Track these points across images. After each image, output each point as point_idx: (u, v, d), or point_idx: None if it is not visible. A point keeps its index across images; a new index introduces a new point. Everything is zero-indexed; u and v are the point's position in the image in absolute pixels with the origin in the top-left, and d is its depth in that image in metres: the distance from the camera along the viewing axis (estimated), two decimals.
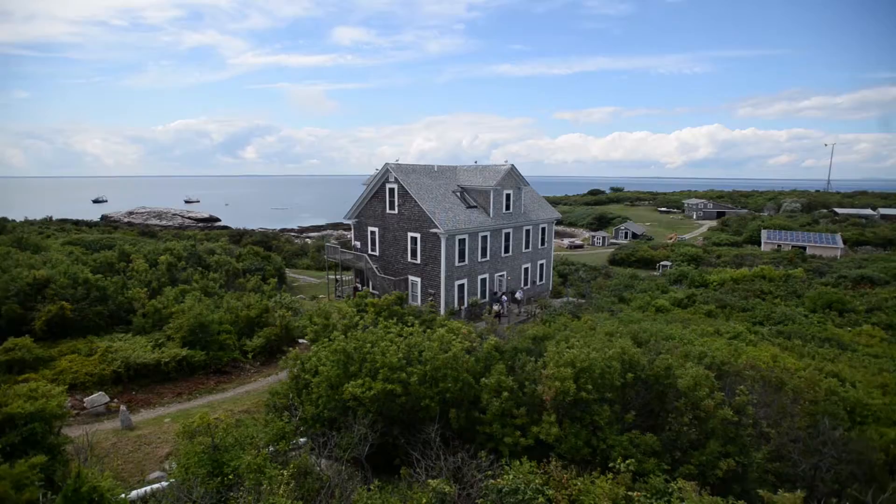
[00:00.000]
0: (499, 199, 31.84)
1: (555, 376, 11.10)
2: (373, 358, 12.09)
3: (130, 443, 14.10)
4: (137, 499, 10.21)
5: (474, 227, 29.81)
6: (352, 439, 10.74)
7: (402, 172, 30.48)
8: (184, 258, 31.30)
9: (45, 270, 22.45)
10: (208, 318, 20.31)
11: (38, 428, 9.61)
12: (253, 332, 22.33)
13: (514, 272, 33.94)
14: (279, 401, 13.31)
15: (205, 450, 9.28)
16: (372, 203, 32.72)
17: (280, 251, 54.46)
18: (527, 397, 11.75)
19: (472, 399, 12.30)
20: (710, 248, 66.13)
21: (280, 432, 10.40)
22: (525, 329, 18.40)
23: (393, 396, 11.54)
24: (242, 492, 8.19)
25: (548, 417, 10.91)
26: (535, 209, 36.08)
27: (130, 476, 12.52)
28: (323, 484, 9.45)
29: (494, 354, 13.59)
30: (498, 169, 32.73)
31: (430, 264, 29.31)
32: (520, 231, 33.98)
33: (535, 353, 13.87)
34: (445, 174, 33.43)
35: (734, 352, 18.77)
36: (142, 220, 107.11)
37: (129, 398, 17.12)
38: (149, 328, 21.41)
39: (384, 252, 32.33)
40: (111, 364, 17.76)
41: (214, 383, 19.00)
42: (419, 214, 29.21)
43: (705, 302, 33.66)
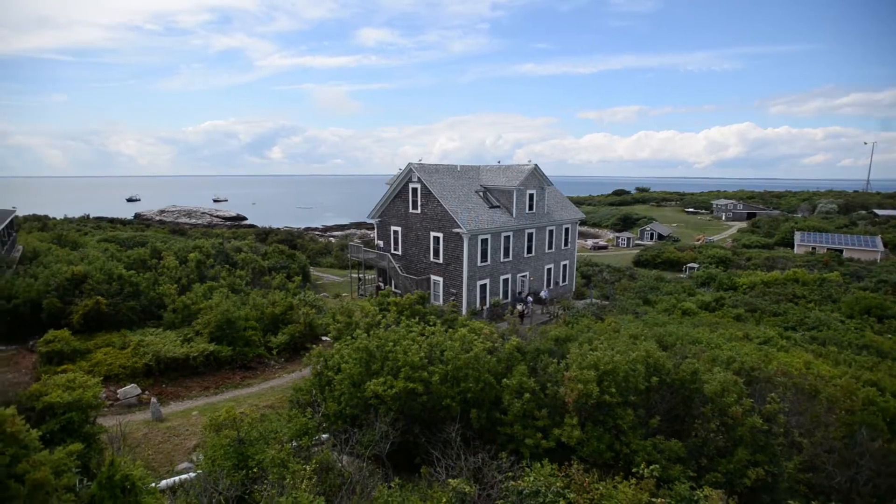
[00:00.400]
0: (522, 199, 31.64)
1: (577, 378, 10.97)
2: (395, 357, 12.17)
3: (160, 434, 14.53)
4: (167, 488, 10.52)
5: (497, 228, 29.69)
6: (373, 437, 10.83)
7: (425, 172, 30.58)
8: (212, 256, 32.12)
9: (82, 266, 23.34)
10: (235, 314, 20.77)
11: (75, 417, 10.01)
12: (278, 328, 22.74)
13: (536, 273, 33.68)
14: (302, 397, 13.53)
15: (231, 443, 9.51)
16: (395, 203, 32.93)
17: (305, 250, 55.36)
18: (549, 399, 11.65)
19: (494, 399, 12.25)
20: (739, 251, 64.30)
21: (303, 428, 10.57)
22: (547, 330, 18.24)
23: (414, 395, 11.60)
24: (266, 485, 8.35)
25: (570, 420, 10.79)
26: (559, 209, 35.72)
27: (160, 466, 12.90)
28: (344, 480, 9.56)
29: (516, 355, 13.51)
30: (521, 169, 32.53)
31: (452, 264, 29.33)
32: (543, 231, 33.70)
33: (557, 355, 13.74)
34: (468, 174, 33.40)
35: (764, 357, 18.21)
36: (172, 218, 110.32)
37: (160, 391, 17.65)
38: (178, 323, 22.02)
39: (407, 251, 32.51)
40: (143, 357, 18.34)
41: (240, 378, 19.42)
42: (442, 214, 29.26)
43: (734, 305, 32.75)
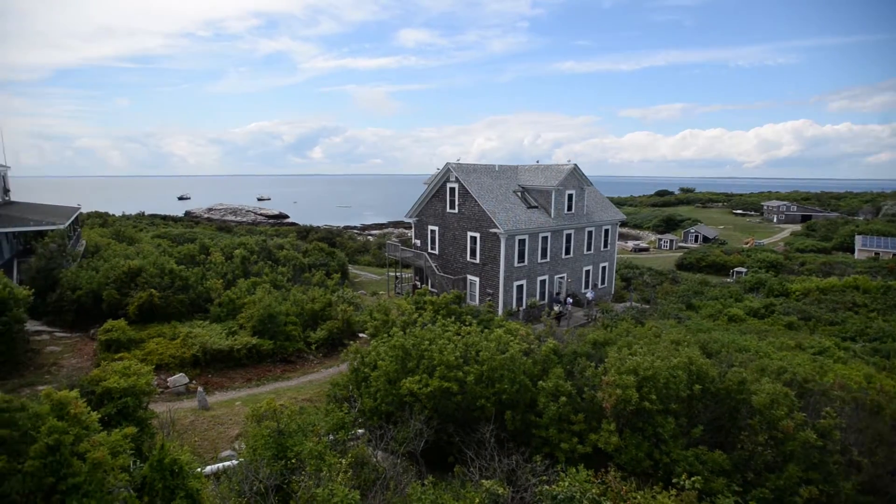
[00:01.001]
0: (560, 199, 31.15)
1: (616, 383, 10.71)
2: (430, 355, 12.24)
3: (206, 422, 15.19)
4: (211, 474, 10.98)
5: (535, 228, 29.35)
6: (407, 434, 10.93)
7: (463, 172, 30.59)
8: (255, 252, 33.28)
9: (137, 261, 24.71)
10: (276, 309, 21.44)
11: (130, 402, 10.60)
12: (316, 324, 23.33)
13: (574, 274, 33.08)
14: (339, 392, 13.81)
15: (271, 434, 9.82)
16: (432, 202, 33.12)
17: (343, 248, 56.55)
18: (585, 403, 11.42)
19: (529, 402, 12.13)
20: (792, 255, 60.98)
21: (340, 422, 10.79)
22: (585, 333, 17.88)
23: (449, 394, 11.63)
24: (304, 476, 8.57)
25: (607, 426, 10.55)
26: (598, 210, 34.95)
27: (205, 452, 13.49)
28: (379, 475, 9.70)
29: (553, 357, 13.32)
30: (560, 168, 32.02)
31: (489, 264, 29.22)
32: (581, 232, 33.06)
33: (595, 359, 13.46)
34: (506, 174, 33.17)
35: (819, 369, 17.18)
36: (219, 216, 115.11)
37: (206, 380, 18.45)
38: (224, 317, 22.95)
39: (443, 251, 32.63)
40: (191, 348, 19.22)
41: (280, 371, 20.05)
42: (479, 214, 29.20)
43: (786, 313, 31.08)
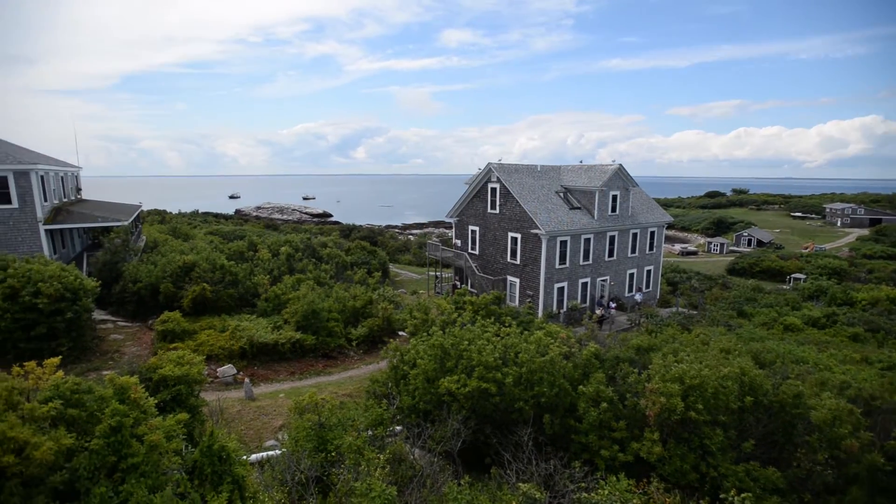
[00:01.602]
0: (604, 200, 30.39)
1: (660, 391, 10.34)
2: (469, 355, 12.24)
3: (251, 412, 15.80)
4: (256, 462, 11.41)
5: (577, 229, 28.78)
6: (445, 433, 10.97)
7: (505, 172, 30.39)
8: (300, 250, 34.33)
9: (191, 256, 26.01)
10: (319, 305, 22.03)
11: (183, 390, 11.19)
12: (358, 321, 23.80)
13: (618, 277, 32.19)
14: (379, 388, 14.03)
15: (312, 426, 10.10)
16: (473, 202, 33.09)
17: (385, 246, 57.41)
18: (627, 410, 11.10)
19: (568, 406, 11.91)
20: (858, 261, 56.88)
21: (378, 418, 10.95)
22: (628, 338, 17.37)
23: (487, 395, 11.58)
24: (343, 469, 8.77)
25: (650, 434, 10.20)
26: (644, 212, 33.85)
27: (251, 441, 14.03)
28: (416, 472, 9.79)
29: (594, 362, 13.02)
30: (604, 169, 31.24)
31: (529, 265, 28.90)
32: (626, 234, 32.13)
33: (638, 365, 13.05)
34: (548, 174, 32.70)
35: (889, 385, 15.93)
36: (267, 214, 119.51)
37: (252, 372, 19.20)
38: (269, 311, 23.80)
39: (484, 251, 32.54)
40: (239, 341, 20.05)
41: (322, 366, 20.58)
42: (520, 214, 28.93)
43: (850, 323, 29.02)
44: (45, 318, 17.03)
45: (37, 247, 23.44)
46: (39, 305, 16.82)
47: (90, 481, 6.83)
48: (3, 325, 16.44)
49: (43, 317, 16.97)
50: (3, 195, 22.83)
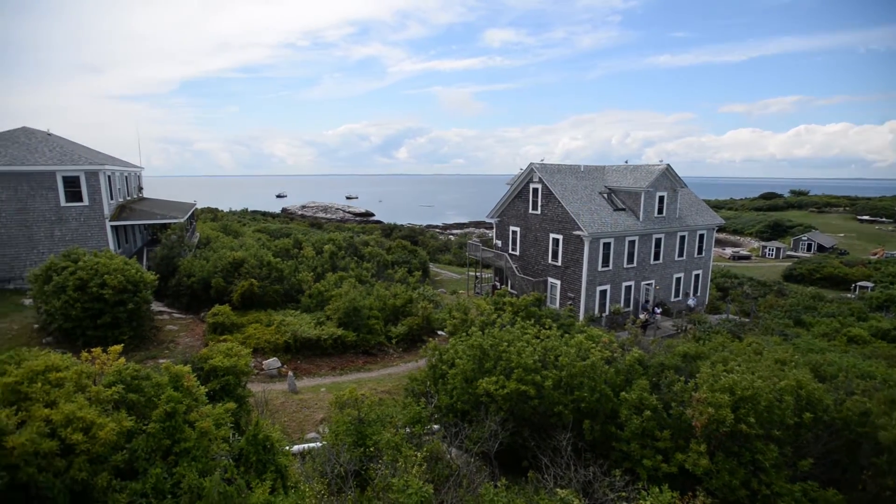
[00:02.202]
0: (650, 201, 29.41)
1: (708, 401, 9.90)
2: (508, 357, 12.15)
3: (294, 404, 16.31)
4: (297, 453, 11.77)
5: (621, 231, 28.00)
6: (482, 434, 10.93)
7: (547, 172, 29.97)
8: (343, 248, 35.15)
9: (241, 252, 27.15)
10: (360, 303, 22.47)
11: (231, 380, 11.70)
12: (397, 319, 24.11)
13: (663, 281, 31.08)
14: (417, 387, 14.15)
15: (352, 421, 10.31)
16: (515, 203, 32.82)
17: (425, 246, 57.87)
18: (672, 420, 10.69)
19: (610, 412, 11.61)
20: None
21: (416, 416, 11.05)
22: (674, 344, 16.74)
23: (525, 398, 11.46)
24: (381, 465, 8.90)
25: (696, 446, 9.78)
26: (693, 213, 32.51)
27: (293, 432, 14.49)
28: (452, 471, 9.80)
29: (637, 368, 12.63)
30: (651, 169, 30.23)
31: (571, 267, 28.37)
32: (673, 237, 30.96)
33: (684, 373, 12.55)
34: (592, 174, 31.98)
35: None
36: (312, 213, 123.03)
37: (295, 366, 19.81)
38: (313, 307, 24.49)
39: (524, 252, 32.22)
40: (283, 335, 20.74)
41: (362, 363, 20.98)
42: (562, 215, 28.45)
43: None
44: (110, 308, 18.23)
45: (103, 242, 25.13)
46: (105, 296, 18.02)
47: (147, 462, 7.26)
48: (73, 313, 17.73)
49: (108, 307, 18.18)
50: (75, 194, 24.62)
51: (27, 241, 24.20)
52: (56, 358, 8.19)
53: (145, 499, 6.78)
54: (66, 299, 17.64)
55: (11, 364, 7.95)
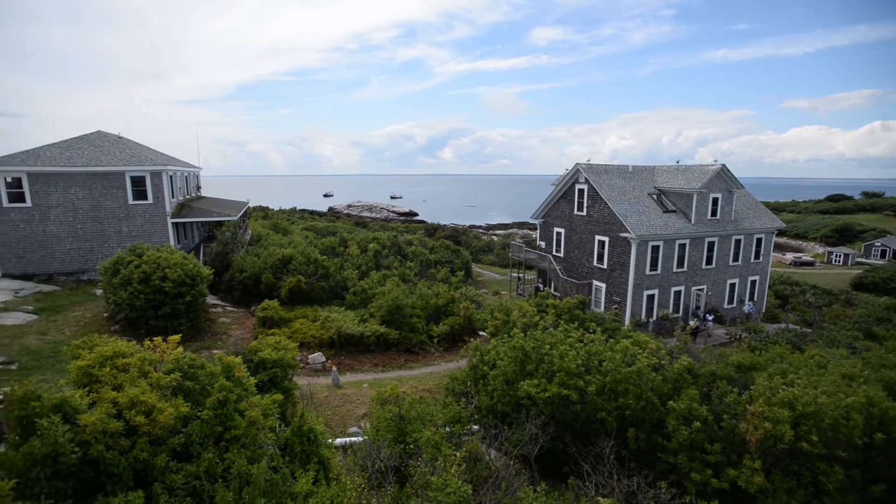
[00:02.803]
0: (703, 203, 28.12)
1: (764, 415, 9.35)
2: (550, 360, 11.96)
3: (337, 399, 16.73)
4: (339, 446, 12.07)
5: (671, 234, 26.93)
6: (522, 437, 10.82)
7: (593, 173, 29.27)
8: (387, 247, 35.72)
9: (289, 250, 28.13)
10: (403, 301, 22.75)
11: (278, 373, 12.15)
12: (439, 319, 24.25)
13: (716, 287, 29.64)
14: (458, 387, 14.18)
15: (393, 418, 10.46)
16: (560, 204, 32.27)
17: (468, 246, 57.88)
18: (724, 433, 10.18)
19: (656, 422, 11.20)
20: None
21: (456, 416, 11.07)
22: (726, 353, 15.93)
23: (567, 402, 11.25)
24: (420, 462, 8.97)
25: (750, 462, 9.27)
26: (750, 216, 30.81)
27: (335, 426, 14.86)
28: (491, 473, 9.75)
29: (686, 377, 12.11)
30: (704, 169, 28.90)
31: (617, 270, 27.58)
32: (727, 241, 29.46)
33: (737, 384, 11.93)
34: (641, 175, 30.96)
35: None
36: (357, 212, 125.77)
37: (339, 361, 20.32)
38: (357, 304, 25.03)
39: (569, 254, 31.61)
40: (328, 331, 21.31)
41: (404, 360, 21.24)
42: (609, 217, 27.70)
43: None
44: (170, 300, 19.36)
45: (165, 237, 26.72)
46: (166, 288, 19.16)
47: (201, 446, 7.65)
48: (138, 304, 18.96)
49: (168, 298, 19.32)
50: (141, 192, 26.33)
51: (99, 236, 26.10)
52: (122, 345, 8.79)
53: (199, 481, 7.15)
54: (132, 291, 18.89)
55: (85, 349, 8.60)
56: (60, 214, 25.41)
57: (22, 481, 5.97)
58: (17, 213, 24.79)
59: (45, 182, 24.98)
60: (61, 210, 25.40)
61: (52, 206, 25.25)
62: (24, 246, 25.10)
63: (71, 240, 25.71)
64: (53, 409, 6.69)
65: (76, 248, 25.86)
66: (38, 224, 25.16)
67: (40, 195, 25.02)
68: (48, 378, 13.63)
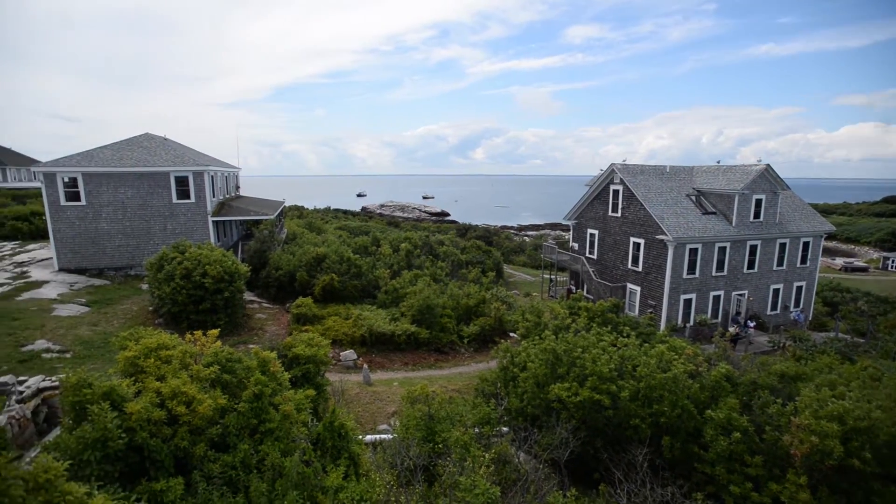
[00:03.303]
0: (745, 204, 27.03)
1: (811, 429, 8.90)
2: (582, 363, 11.77)
3: (368, 396, 16.95)
4: (369, 443, 12.22)
5: (710, 237, 26.00)
6: (552, 440, 10.68)
7: (629, 173, 28.60)
8: (418, 247, 35.94)
9: (323, 248, 28.71)
10: (434, 301, 22.84)
11: (311, 369, 12.42)
12: (469, 319, 24.22)
13: (758, 292, 28.42)
14: (487, 388, 14.12)
15: (422, 417, 10.51)
16: (594, 205, 31.70)
17: (500, 247, 57.58)
18: (766, 445, 9.75)
19: (692, 430, 10.83)
20: None
21: (486, 417, 11.03)
22: (768, 362, 15.24)
23: (599, 407, 11.03)
24: (448, 462, 8.98)
25: (794, 477, 8.84)
26: (796, 219, 29.40)
27: (366, 423, 15.06)
28: (520, 476, 9.67)
29: (725, 385, 11.67)
30: (747, 170, 27.77)
31: (652, 273, 26.85)
32: (771, 244, 28.21)
33: (781, 394, 11.41)
34: (679, 176, 30.04)
35: None
36: (389, 212, 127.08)
37: (370, 359, 20.58)
38: (388, 303, 25.29)
39: (602, 256, 31.00)
40: (360, 329, 21.63)
41: (434, 360, 21.32)
42: (644, 218, 27.00)
43: None
44: (210, 296, 20.09)
45: (206, 235, 27.75)
46: (206, 284, 19.89)
47: (237, 438, 7.91)
48: (180, 298, 19.77)
49: (208, 294, 20.05)
50: (184, 191, 27.44)
51: (146, 233, 27.37)
52: (166, 337, 9.18)
53: (234, 471, 7.39)
54: (174, 286, 19.71)
55: (131, 341, 9.03)
56: (111, 212, 26.80)
57: (75, 463, 6.32)
58: (72, 211, 26.30)
59: (97, 182, 26.39)
60: (112, 208, 26.78)
61: (103, 204, 26.67)
62: (79, 242, 26.61)
63: (120, 236, 27.07)
64: (103, 397, 7.05)
65: (125, 245, 27.21)
66: (91, 221, 26.62)
67: (93, 194, 26.46)
68: (98, 367, 14.40)
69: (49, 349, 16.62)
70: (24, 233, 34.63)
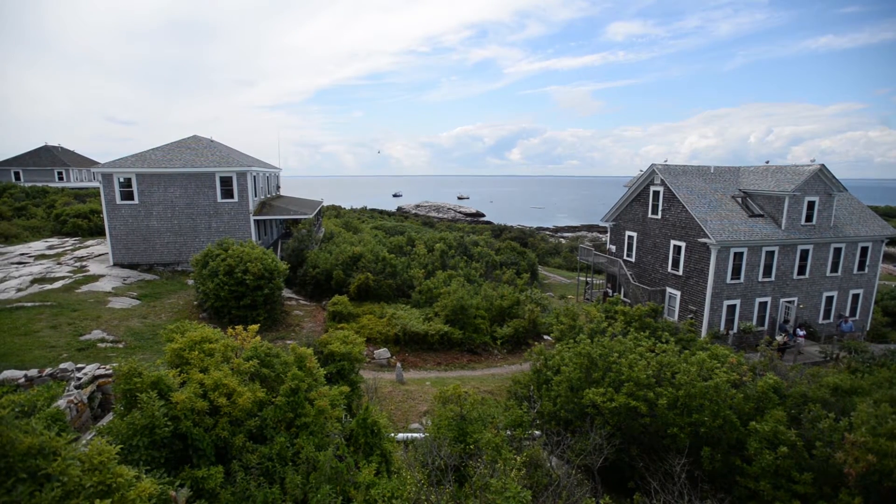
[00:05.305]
0: (796, 207, 25.68)
1: (868, 447, 8.37)
2: (618, 368, 11.49)
3: (400, 394, 17.12)
4: (401, 441, 12.33)
5: (757, 240, 24.86)
6: (586, 446, 10.48)
7: (670, 174, 27.71)
8: (453, 247, 36.00)
9: (359, 248, 29.20)
10: (468, 302, 22.84)
11: (346, 365, 12.65)
12: (503, 321, 24.07)
13: (809, 300, 26.95)
14: (520, 390, 14.00)
15: (454, 417, 10.52)
16: (632, 206, 30.89)
17: (534, 248, 56.95)
18: (816, 462, 9.23)
19: (734, 442, 10.39)
20: None
21: (518, 420, 10.94)
22: (820, 374, 14.42)
23: (635, 414, 10.74)
24: (479, 463, 8.95)
25: (848, 497, 8.34)
26: (853, 222, 27.70)
27: (398, 421, 15.21)
28: (552, 481, 9.53)
29: (771, 396, 11.13)
30: (798, 170, 26.38)
31: (693, 277, 25.92)
32: (825, 249, 26.69)
33: (834, 409, 10.78)
34: (723, 176, 28.87)
35: None
36: (424, 212, 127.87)
37: (403, 358, 20.79)
38: (422, 303, 25.46)
39: (641, 259, 30.17)
40: (394, 328, 21.87)
41: (466, 361, 21.31)
42: (686, 221, 26.09)
43: None
44: (251, 292, 20.80)
45: (248, 233, 28.76)
46: (247, 281, 20.61)
47: (274, 430, 8.15)
48: (223, 294, 20.56)
49: (249, 290, 20.76)
50: (228, 191, 28.54)
51: (192, 230, 28.64)
52: (209, 331, 9.57)
53: (271, 462, 7.63)
54: (218, 282, 20.51)
55: (177, 333, 9.46)
56: (161, 211, 28.18)
57: (125, 447, 6.68)
58: (126, 209, 27.84)
59: (149, 182, 27.82)
60: (162, 207, 28.16)
61: (154, 203, 28.09)
62: (132, 239, 28.12)
63: (169, 234, 28.43)
64: (151, 386, 7.43)
65: (173, 242, 28.55)
66: (143, 219, 28.09)
67: (145, 193, 27.91)
68: (147, 357, 15.18)
69: (104, 339, 17.66)
70: (84, 229, 36.93)
